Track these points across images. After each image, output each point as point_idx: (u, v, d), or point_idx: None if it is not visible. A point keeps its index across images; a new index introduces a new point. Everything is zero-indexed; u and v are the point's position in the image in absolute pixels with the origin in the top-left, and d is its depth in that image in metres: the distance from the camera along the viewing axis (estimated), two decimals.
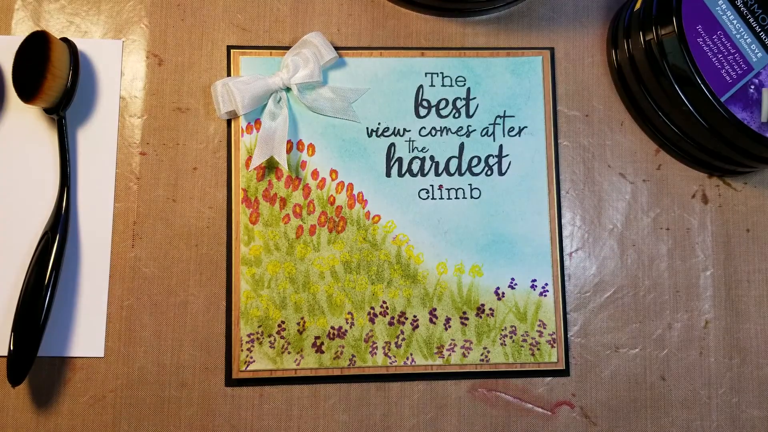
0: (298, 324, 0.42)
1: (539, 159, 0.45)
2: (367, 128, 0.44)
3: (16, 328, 0.38)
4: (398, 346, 0.42)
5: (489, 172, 0.44)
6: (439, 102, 0.45)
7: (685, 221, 0.45)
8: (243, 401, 0.41)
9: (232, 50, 0.44)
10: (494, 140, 0.45)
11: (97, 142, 0.43)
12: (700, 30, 0.41)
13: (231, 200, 0.43)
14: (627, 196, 0.45)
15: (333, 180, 0.44)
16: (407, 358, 0.42)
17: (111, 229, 0.42)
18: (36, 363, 0.40)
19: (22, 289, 0.39)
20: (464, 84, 0.45)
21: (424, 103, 0.45)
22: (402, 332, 0.42)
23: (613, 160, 0.45)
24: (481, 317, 0.43)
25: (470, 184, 0.44)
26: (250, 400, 0.41)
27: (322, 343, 0.42)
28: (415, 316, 0.43)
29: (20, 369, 0.38)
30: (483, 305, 0.43)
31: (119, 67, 0.44)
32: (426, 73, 0.45)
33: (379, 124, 0.44)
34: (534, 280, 0.43)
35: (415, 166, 0.44)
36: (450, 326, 0.43)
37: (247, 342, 0.42)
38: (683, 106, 0.41)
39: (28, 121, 0.43)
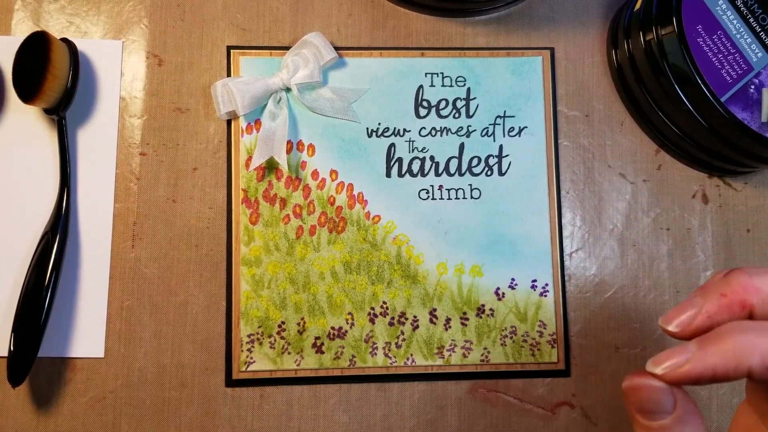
0: (299, 324, 0.42)
1: (539, 159, 0.45)
2: (367, 128, 0.44)
3: (16, 329, 0.38)
4: (398, 347, 0.42)
5: (489, 172, 0.44)
6: (439, 102, 0.45)
7: (686, 221, 0.45)
8: (243, 402, 0.41)
9: (232, 50, 0.44)
10: (494, 140, 0.45)
11: (97, 142, 0.43)
12: (700, 30, 0.41)
13: (231, 200, 0.43)
14: (627, 196, 0.45)
15: (333, 180, 0.43)
16: (407, 359, 0.42)
17: (111, 229, 0.42)
18: (36, 363, 0.40)
19: (22, 289, 0.39)
20: (464, 84, 0.45)
21: (424, 104, 0.45)
22: (402, 332, 0.42)
23: (613, 160, 0.45)
24: (481, 317, 0.43)
25: (470, 185, 0.44)
26: (250, 400, 0.41)
27: (323, 344, 0.42)
28: (415, 317, 0.43)
29: (20, 369, 0.38)
30: (483, 305, 0.43)
31: (119, 68, 0.44)
32: (426, 73, 0.45)
33: (379, 124, 0.44)
34: (534, 281, 0.43)
35: (415, 167, 0.44)
36: (450, 326, 0.43)
37: (247, 342, 0.42)
38: (683, 106, 0.41)
39: (28, 122, 0.43)
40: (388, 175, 0.44)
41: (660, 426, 0.21)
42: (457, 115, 0.45)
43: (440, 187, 0.44)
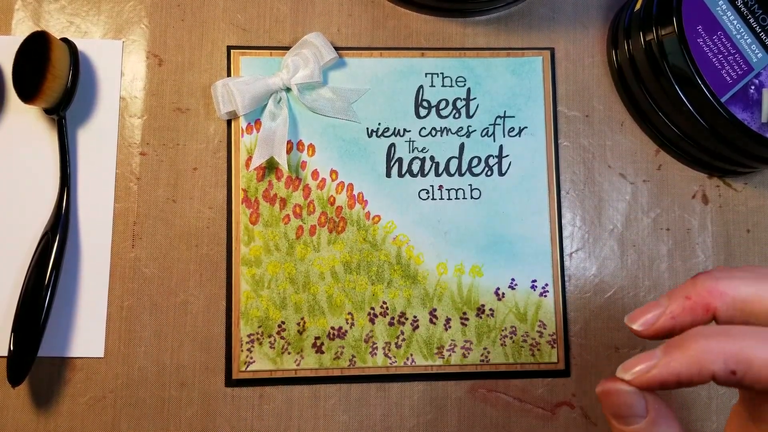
0: (298, 324, 0.42)
1: (539, 159, 0.45)
2: (367, 128, 0.44)
3: (16, 328, 0.38)
4: (398, 347, 0.42)
5: (489, 173, 0.44)
6: (439, 102, 0.45)
7: (686, 222, 0.45)
8: (243, 401, 0.41)
9: (232, 50, 0.44)
10: (494, 140, 0.45)
11: (97, 142, 0.43)
12: (701, 30, 0.41)
13: (231, 200, 0.43)
14: (627, 197, 0.45)
15: (333, 180, 0.43)
16: (407, 359, 0.42)
17: (111, 229, 0.42)
18: (36, 363, 0.40)
19: (22, 289, 0.39)
20: (464, 84, 0.45)
21: (425, 104, 0.45)
22: (402, 333, 0.42)
23: (613, 161, 0.45)
24: (481, 318, 0.43)
25: (470, 185, 0.44)
26: (250, 400, 0.41)
27: (322, 344, 0.42)
28: (415, 317, 0.43)
29: (20, 369, 0.38)
30: (483, 306, 0.43)
31: (119, 68, 0.44)
32: (426, 74, 0.45)
33: (379, 124, 0.44)
34: (534, 281, 0.43)
35: (416, 167, 0.44)
36: (450, 327, 0.43)
37: (247, 342, 0.42)
38: (683, 106, 0.41)
39: (28, 121, 0.43)
40: (388, 175, 0.44)
41: (634, 430, 0.21)
42: (457, 115, 0.45)
43: (440, 187, 0.44)
